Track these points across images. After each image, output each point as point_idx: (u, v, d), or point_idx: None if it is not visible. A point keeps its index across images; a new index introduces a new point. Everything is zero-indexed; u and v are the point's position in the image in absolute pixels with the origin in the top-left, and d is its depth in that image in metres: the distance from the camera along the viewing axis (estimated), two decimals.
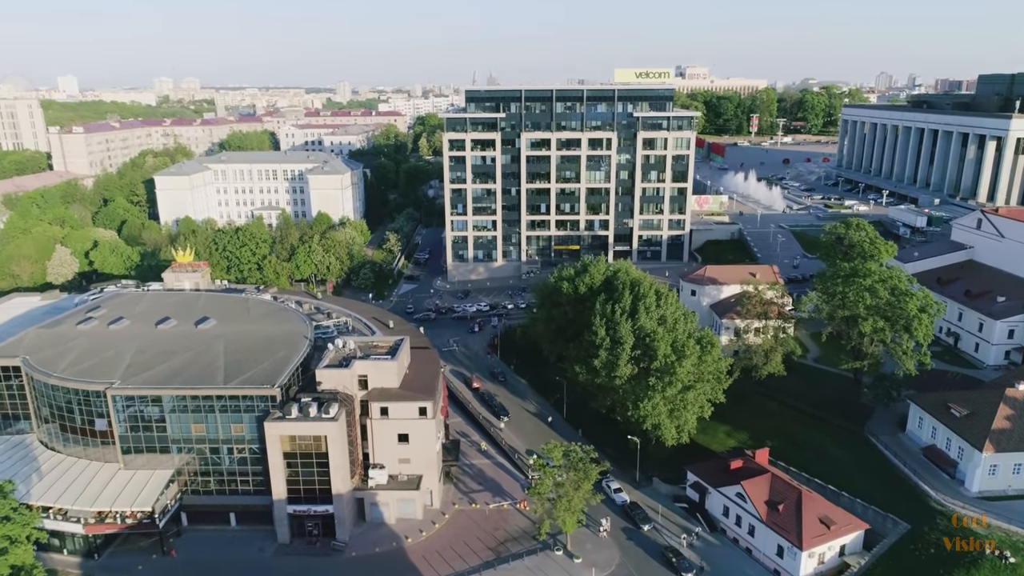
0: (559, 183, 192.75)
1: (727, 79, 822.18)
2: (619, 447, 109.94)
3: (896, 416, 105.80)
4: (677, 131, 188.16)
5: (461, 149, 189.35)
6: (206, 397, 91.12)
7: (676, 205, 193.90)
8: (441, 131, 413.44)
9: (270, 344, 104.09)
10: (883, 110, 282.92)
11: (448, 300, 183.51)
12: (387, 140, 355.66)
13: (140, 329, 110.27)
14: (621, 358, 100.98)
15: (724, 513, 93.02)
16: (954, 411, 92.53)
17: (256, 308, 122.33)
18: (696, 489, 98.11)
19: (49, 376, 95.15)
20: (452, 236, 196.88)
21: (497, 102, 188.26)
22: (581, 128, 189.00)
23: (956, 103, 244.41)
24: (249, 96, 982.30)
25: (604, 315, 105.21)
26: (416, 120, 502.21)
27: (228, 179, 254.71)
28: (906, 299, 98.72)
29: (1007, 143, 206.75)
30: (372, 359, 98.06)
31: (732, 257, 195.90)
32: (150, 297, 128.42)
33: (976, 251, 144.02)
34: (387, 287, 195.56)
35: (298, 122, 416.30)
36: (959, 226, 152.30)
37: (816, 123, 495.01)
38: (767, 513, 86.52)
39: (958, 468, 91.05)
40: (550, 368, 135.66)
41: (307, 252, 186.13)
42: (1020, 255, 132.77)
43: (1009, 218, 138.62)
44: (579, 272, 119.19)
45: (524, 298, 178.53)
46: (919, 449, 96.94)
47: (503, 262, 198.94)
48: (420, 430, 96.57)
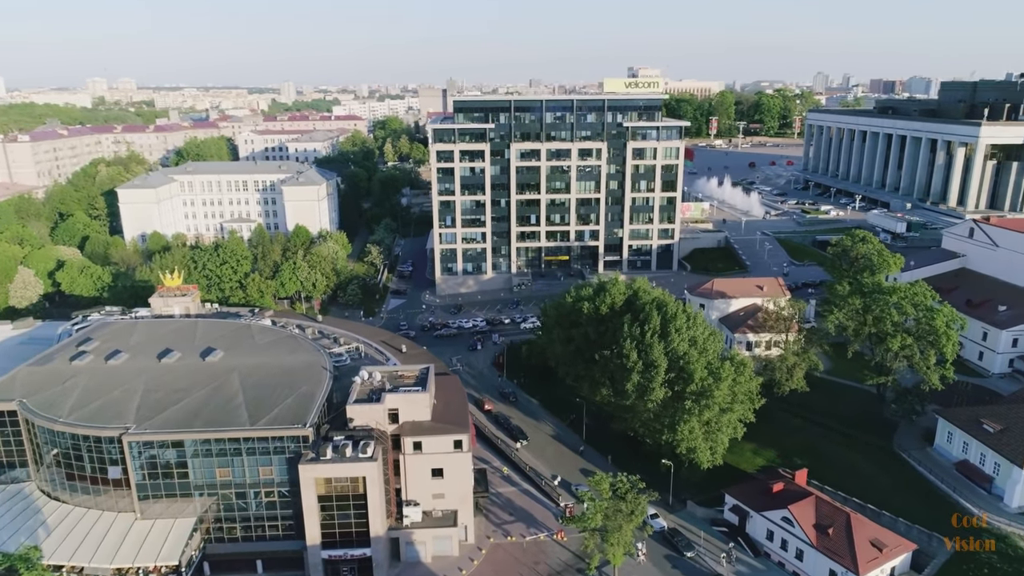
0: (549, 194, 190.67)
1: (680, 81, 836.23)
2: (647, 470, 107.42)
3: (920, 430, 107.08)
4: (666, 140, 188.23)
5: (449, 160, 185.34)
6: (232, 440, 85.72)
7: (665, 214, 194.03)
8: (407, 136, 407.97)
9: (289, 377, 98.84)
10: (849, 115, 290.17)
11: (441, 315, 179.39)
12: (353, 147, 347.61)
13: (142, 364, 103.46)
14: (655, 381, 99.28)
15: (768, 537, 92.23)
16: (987, 426, 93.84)
17: (261, 336, 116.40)
18: (736, 512, 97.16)
19: (54, 422, 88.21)
20: (441, 249, 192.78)
21: (486, 112, 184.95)
22: (571, 138, 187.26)
23: (923, 110, 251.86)
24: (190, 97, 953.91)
25: (633, 337, 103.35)
26: (376, 124, 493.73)
27: (195, 191, 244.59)
28: (933, 315, 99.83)
29: (977, 149, 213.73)
30: (402, 391, 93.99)
31: (721, 265, 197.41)
32: (143, 326, 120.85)
33: (969, 259, 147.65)
34: (375, 303, 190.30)
35: (257, 128, 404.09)
36: (950, 235, 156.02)
37: (772, 125, 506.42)
38: (817, 537, 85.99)
39: (994, 483, 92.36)
40: (561, 387, 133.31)
41: (292, 269, 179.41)
42: (1014, 263, 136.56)
43: (1002, 227, 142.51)
44: (597, 292, 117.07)
45: (520, 312, 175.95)
46: (951, 464, 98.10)
47: (493, 274, 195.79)
48: (455, 464, 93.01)
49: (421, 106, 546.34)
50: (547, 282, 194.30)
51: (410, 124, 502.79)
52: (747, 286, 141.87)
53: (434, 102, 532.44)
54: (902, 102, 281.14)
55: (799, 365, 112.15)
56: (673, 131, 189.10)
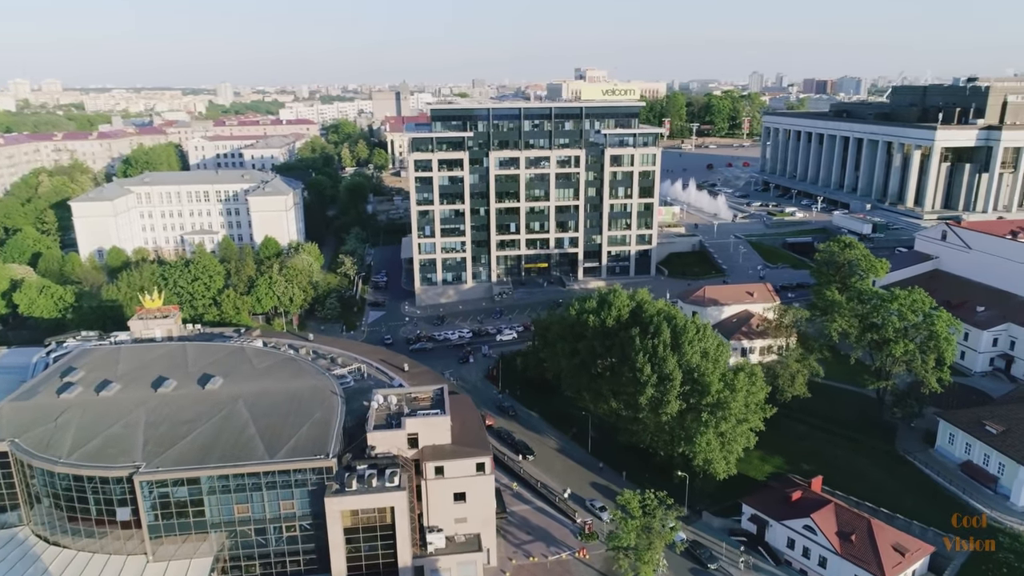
0: (529, 202, 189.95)
1: (628, 82, 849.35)
2: (658, 482, 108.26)
3: (920, 433, 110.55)
4: (643, 147, 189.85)
5: (427, 169, 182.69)
6: (252, 474, 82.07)
7: (643, 220, 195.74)
8: (364, 141, 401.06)
9: (298, 404, 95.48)
10: (805, 118, 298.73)
11: (424, 327, 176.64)
12: (313, 153, 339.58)
13: (138, 395, 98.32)
14: (670, 394, 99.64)
15: (789, 545, 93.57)
16: (990, 428, 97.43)
17: (258, 359, 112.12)
18: (754, 521, 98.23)
19: (54, 463, 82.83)
20: (420, 259, 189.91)
21: (464, 120, 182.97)
22: (550, 146, 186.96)
23: (878, 113, 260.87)
24: (122, 99, 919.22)
25: (646, 350, 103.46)
26: (329, 128, 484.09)
27: (153, 202, 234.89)
28: (934, 320, 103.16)
29: (933, 152, 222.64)
30: (421, 415, 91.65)
31: (698, 269, 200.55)
32: (128, 353, 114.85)
33: (942, 261, 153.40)
34: (354, 316, 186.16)
35: (207, 133, 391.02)
36: (923, 238, 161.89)
37: (723, 126, 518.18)
38: (841, 544, 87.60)
39: (999, 483, 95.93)
40: (561, 399, 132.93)
41: (268, 284, 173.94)
42: (987, 265, 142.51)
43: (975, 231, 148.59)
44: (601, 304, 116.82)
45: (507, 321, 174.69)
46: (956, 466, 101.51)
47: (473, 284, 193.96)
48: (478, 487, 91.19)
49: (374, 109, 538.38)
50: (528, 290, 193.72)
51: (363, 128, 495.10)
52: (738, 292, 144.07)
53: (387, 105, 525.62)
54: (856, 105, 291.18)
55: (801, 372, 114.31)
56: (649, 138, 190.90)
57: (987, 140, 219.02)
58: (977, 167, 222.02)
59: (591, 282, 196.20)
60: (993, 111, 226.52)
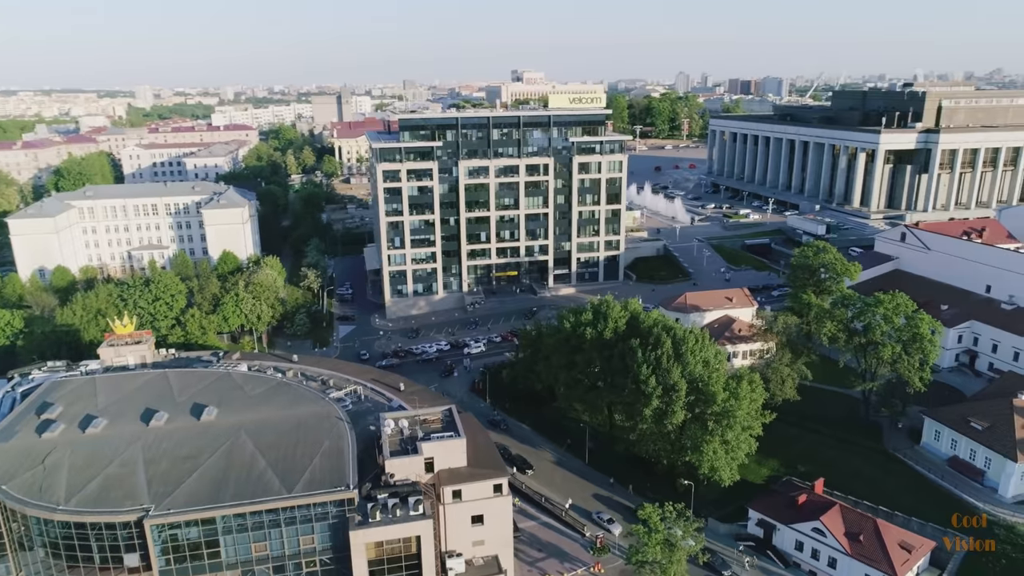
0: (498, 210, 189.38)
1: (565, 83, 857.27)
2: (661, 491, 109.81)
3: (904, 430, 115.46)
4: (610, 155, 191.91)
5: (396, 180, 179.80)
6: (270, 511, 78.77)
7: (611, 227, 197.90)
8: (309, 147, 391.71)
9: (304, 432, 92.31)
10: (752, 121, 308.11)
11: (399, 340, 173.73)
12: (259, 161, 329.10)
13: (128, 430, 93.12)
14: (676, 404, 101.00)
15: (798, 548, 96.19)
16: (975, 424, 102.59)
17: (250, 386, 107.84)
18: (761, 526, 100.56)
19: (52, 511, 77.46)
20: (390, 270, 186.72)
21: (432, 130, 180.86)
22: (518, 154, 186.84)
23: (822, 117, 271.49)
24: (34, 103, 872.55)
25: (649, 362, 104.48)
26: (269, 133, 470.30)
27: (97, 217, 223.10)
28: (918, 323, 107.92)
29: (878, 155, 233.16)
30: (436, 439, 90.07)
31: (664, 273, 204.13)
32: (105, 384, 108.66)
33: (902, 261, 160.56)
34: (323, 331, 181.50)
35: (142, 141, 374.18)
36: (883, 239, 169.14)
37: (663, 128, 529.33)
38: (850, 545, 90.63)
39: (986, 476, 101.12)
40: (551, 411, 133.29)
41: (235, 301, 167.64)
42: (946, 265, 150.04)
43: (933, 232, 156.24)
44: (597, 316, 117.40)
45: (483, 332, 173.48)
46: (943, 461, 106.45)
47: (444, 294, 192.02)
48: (496, 509, 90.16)
49: (315, 114, 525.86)
50: (500, 299, 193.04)
51: (304, 133, 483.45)
52: (717, 298, 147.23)
53: (328, 110, 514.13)
54: (800, 109, 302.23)
55: (791, 375, 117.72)
56: (616, 145, 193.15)
57: (926, 143, 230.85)
58: (917, 168, 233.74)
59: (562, 289, 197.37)
60: (930, 115, 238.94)
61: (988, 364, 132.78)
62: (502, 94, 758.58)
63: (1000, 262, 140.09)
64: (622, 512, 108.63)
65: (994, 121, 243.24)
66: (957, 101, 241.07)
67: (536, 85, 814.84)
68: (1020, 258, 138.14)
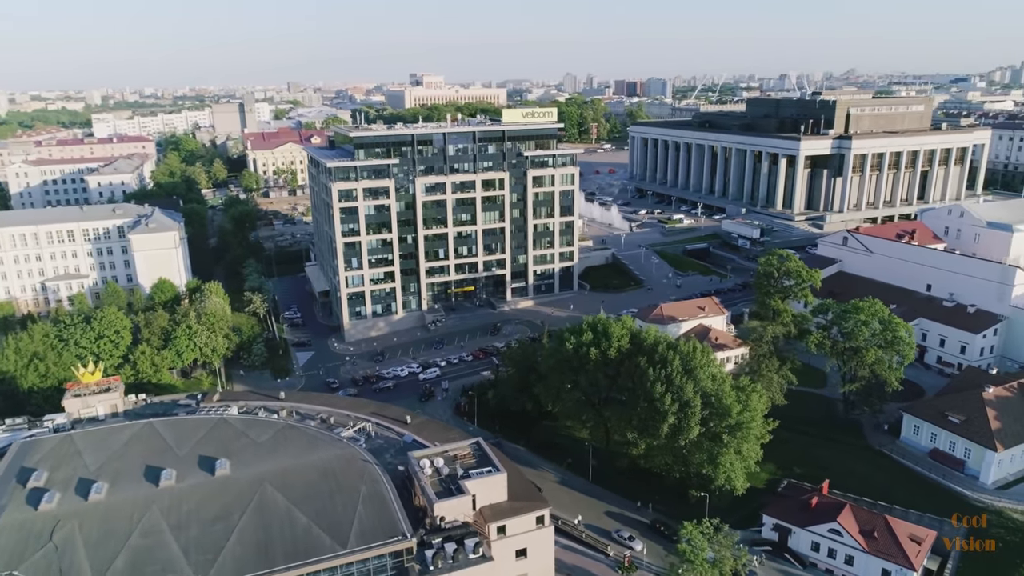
0: (456, 226, 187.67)
1: (467, 88, 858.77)
2: (671, 503, 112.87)
3: (881, 426, 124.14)
4: (562, 167, 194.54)
5: (352, 199, 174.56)
6: (328, 570, 74.90)
7: (565, 238, 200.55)
8: (220, 160, 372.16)
9: (335, 480, 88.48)
10: (672, 128, 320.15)
11: (365, 365, 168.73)
12: (171, 177, 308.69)
13: (137, 493, 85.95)
14: (691, 420, 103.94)
15: (814, 549, 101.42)
16: (952, 418, 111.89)
17: (254, 431, 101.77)
18: (776, 530, 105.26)
19: None
20: (348, 293, 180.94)
21: (388, 147, 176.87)
22: (474, 170, 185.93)
23: (741, 124, 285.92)
24: None
25: (659, 380, 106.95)
26: (168, 145, 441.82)
27: (4, 247, 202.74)
28: (896, 327, 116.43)
29: (799, 160, 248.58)
30: (476, 476, 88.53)
31: (617, 282, 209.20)
32: (85, 441, 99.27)
33: (845, 264, 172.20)
34: (281, 360, 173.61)
35: (29, 157, 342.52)
36: (825, 243, 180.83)
37: (573, 132, 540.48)
38: (867, 542, 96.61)
39: (966, 466, 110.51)
40: (541, 429, 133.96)
41: (188, 334, 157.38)
42: (887, 266, 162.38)
43: (873, 236, 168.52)
44: (598, 334, 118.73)
45: (453, 351, 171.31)
46: (924, 454, 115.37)
47: (403, 314, 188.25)
48: (539, 541, 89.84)
49: (215, 122, 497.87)
50: (460, 316, 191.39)
51: (205, 143, 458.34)
52: (690, 308, 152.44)
53: (230, 118, 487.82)
54: (718, 116, 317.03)
55: (778, 381, 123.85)
56: (567, 158, 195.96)
57: (839, 148, 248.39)
58: (833, 172, 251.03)
59: (520, 302, 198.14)
60: (840, 122, 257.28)
61: (936, 357, 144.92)
62: (405, 99, 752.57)
63: (939, 263, 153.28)
64: (638, 528, 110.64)
65: (893, 127, 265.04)
66: (862, 109, 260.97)
67: (439, 90, 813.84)
68: (957, 259, 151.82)
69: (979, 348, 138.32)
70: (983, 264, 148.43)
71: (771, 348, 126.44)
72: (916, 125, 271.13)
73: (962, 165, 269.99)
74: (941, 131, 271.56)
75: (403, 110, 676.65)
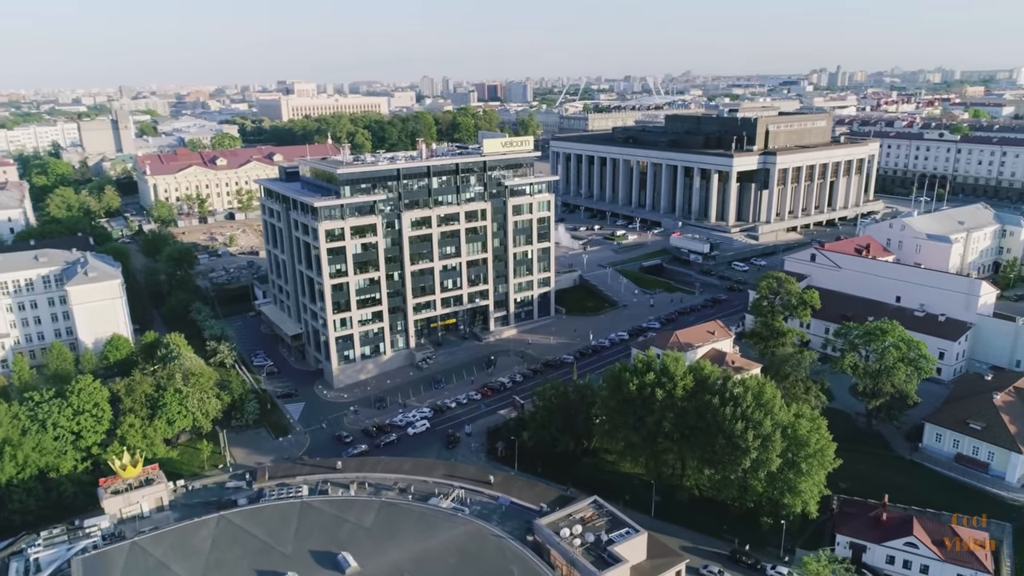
0: (442, 260, 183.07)
1: (346, 97, 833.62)
2: (740, 532, 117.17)
3: (901, 436, 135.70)
4: (539, 195, 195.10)
5: (340, 239, 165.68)
6: None
7: (542, 264, 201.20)
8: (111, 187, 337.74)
9: (478, 564, 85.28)
10: (597, 143, 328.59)
11: (368, 414, 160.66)
12: (69, 211, 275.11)
13: None
14: (772, 453, 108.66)
15: (889, 562, 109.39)
16: (973, 425, 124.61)
17: (355, 515, 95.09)
18: (851, 548, 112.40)
19: None
20: (336, 337, 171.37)
21: (373, 182, 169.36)
22: (457, 201, 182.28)
23: (668, 140, 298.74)
24: None
25: (736, 417, 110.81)
26: (32, 167, 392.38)
27: None
28: (919, 346, 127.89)
29: (732, 175, 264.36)
30: (621, 540, 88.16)
31: (591, 304, 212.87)
32: (158, 547, 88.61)
33: (813, 279, 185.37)
34: (273, 415, 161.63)
35: None
36: (792, 259, 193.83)
37: (471, 142, 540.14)
38: (942, 551, 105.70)
39: (990, 468, 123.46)
40: (582, 467, 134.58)
41: (178, 399, 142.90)
42: (856, 280, 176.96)
43: (840, 252, 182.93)
44: (659, 373, 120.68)
45: (461, 388, 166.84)
46: (950, 459, 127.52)
47: (391, 353, 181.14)
48: None
49: (85, 141, 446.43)
50: (448, 350, 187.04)
51: (74, 164, 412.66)
52: (701, 334, 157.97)
53: (102, 136, 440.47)
54: (640, 132, 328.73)
55: (809, 401, 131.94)
56: (543, 186, 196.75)
57: (765, 163, 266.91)
58: (759, 185, 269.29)
59: (504, 332, 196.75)
60: (760, 138, 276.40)
61: None
62: (282, 110, 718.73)
63: (907, 277, 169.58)
64: (719, 560, 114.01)
65: (803, 141, 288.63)
66: (778, 125, 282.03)
67: (318, 99, 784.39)
68: (926, 273, 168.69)
69: (956, 354, 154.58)
70: (951, 277, 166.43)
71: (807, 373, 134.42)
72: (821, 139, 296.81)
73: (861, 174, 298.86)
74: (843, 144, 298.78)
75: (282, 122, 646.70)
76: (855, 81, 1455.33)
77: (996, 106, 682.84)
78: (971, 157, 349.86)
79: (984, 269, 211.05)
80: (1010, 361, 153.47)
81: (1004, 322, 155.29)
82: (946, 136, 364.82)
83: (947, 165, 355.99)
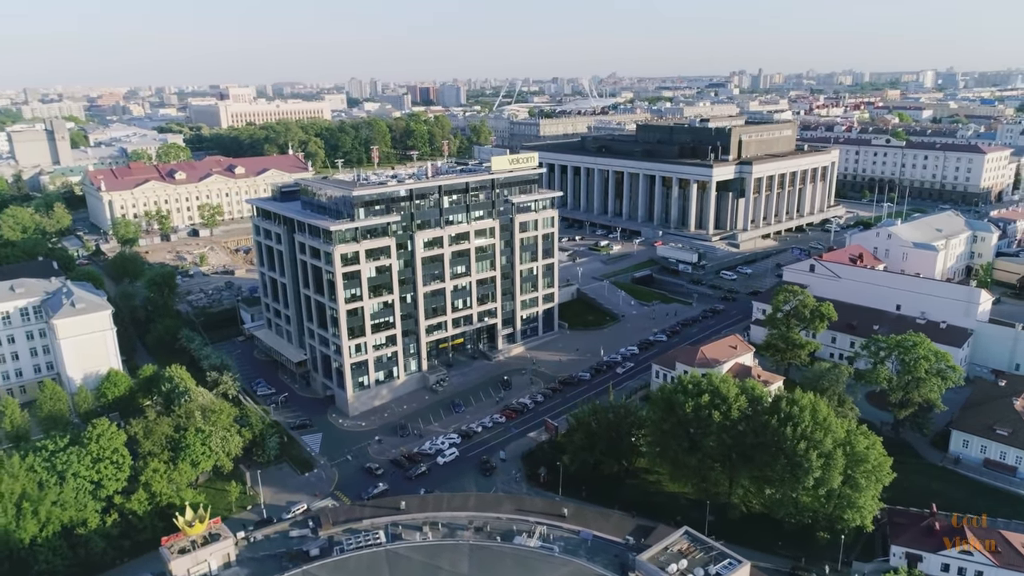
0: (453, 280, 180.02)
1: (286, 102, 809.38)
2: (795, 548, 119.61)
3: (927, 443, 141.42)
4: (543, 211, 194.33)
5: (355, 263, 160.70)
6: None
7: (546, 280, 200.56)
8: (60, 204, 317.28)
9: None
10: (567, 153, 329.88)
11: (392, 443, 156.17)
12: (24, 233, 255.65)
13: None
14: (834, 471, 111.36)
15: (944, 569, 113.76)
16: (1000, 431, 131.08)
17: (444, 561, 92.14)
18: (906, 557, 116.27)
19: None
20: (352, 362, 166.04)
21: (386, 204, 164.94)
22: (467, 220, 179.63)
23: (643, 150, 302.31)
24: None
25: (797, 437, 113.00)
26: None
27: None
28: (946, 358, 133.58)
29: (711, 185, 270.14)
30: (725, 572, 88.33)
31: (591, 318, 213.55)
32: None
33: (812, 288, 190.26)
34: (291, 449, 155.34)
35: None
36: (791, 270, 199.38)
37: (425, 150, 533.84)
38: (996, 557, 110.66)
39: (1017, 471, 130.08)
40: (626, 489, 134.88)
41: (200, 439, 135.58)
42: (856, 290, 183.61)
43: (840, 263, 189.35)
44: (715, 395, 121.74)
45: (485, 411, 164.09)
46: (978, 464, 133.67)
47: (405, 377, 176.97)
48: None
49: (18, 153, 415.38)
50: (460, 371, 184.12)
51: (8, 179, 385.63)
52: (724, 349, 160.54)
53: (37, 148, 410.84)
54: (612, 141, 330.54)
55: (843, 413, 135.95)
56: (547, 202, 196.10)
57: (741, 172, 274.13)
58: (736, 194, 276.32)
59: (513, 349, 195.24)
60: (734, 148, 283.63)
61: None
62: (221, 117, 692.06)
63: (907, 286, 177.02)
64: None
65: (772, 150, 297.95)
66: (750, 135, 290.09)
67: (256, 104, 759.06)
68: (924, 282, 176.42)
69: (960, 359, 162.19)
70: (950, 286, 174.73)
71: (844, 387, 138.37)
72: (787, 147, 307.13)
73: (824, 181, 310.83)
74: (808, 152, 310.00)
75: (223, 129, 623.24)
76: (775, 83, 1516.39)
77: (916, 109, 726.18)
78: (916, 162, 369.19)
79: (958, 274, 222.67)
80: (1010, 364, 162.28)
81: (1004, 328, 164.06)
82: (892, 142, 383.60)
83: (895, 170, 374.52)
